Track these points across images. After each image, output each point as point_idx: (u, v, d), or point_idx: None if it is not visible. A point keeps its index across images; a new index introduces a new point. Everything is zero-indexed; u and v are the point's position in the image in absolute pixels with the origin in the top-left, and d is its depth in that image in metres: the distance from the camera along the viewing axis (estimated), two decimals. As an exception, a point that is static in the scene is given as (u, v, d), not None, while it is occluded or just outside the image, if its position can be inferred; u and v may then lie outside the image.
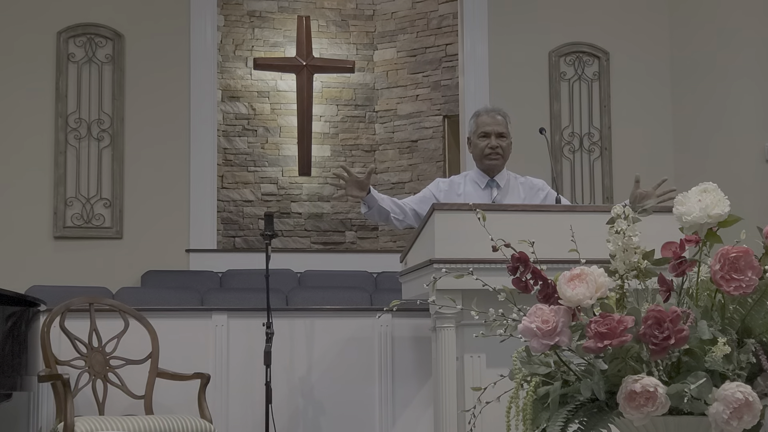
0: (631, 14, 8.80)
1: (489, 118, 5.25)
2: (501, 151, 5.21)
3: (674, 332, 2.31)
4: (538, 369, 2.53)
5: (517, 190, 5.23)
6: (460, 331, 4.42)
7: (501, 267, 2.78)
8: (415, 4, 10.26)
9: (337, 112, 10.39)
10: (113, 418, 4.86)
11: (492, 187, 5.22)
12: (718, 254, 2.42)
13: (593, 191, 8.63)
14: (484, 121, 5.24)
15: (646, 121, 8.71)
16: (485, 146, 5.20)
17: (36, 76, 8.12)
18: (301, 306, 6.68)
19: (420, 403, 5.54)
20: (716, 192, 2.52)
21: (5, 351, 4.77)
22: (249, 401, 5.52)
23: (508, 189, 5.23)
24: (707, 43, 8.50)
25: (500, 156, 5.21)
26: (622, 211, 2.58)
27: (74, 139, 8.12)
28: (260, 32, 10.32)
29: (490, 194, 5.19)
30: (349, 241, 10.28)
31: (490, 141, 5.19)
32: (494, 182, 5.22)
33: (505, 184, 5.23)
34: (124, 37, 8.29)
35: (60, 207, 8.04)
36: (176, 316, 5.64)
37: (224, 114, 10.03)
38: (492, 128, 5.20)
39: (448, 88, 9.97)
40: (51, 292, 6.22)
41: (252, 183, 10.16)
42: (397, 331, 5.65)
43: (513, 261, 2.59)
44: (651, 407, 2.31)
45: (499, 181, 5.23)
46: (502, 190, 5.21)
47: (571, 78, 8.74)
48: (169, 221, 8.23)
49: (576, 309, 2.50)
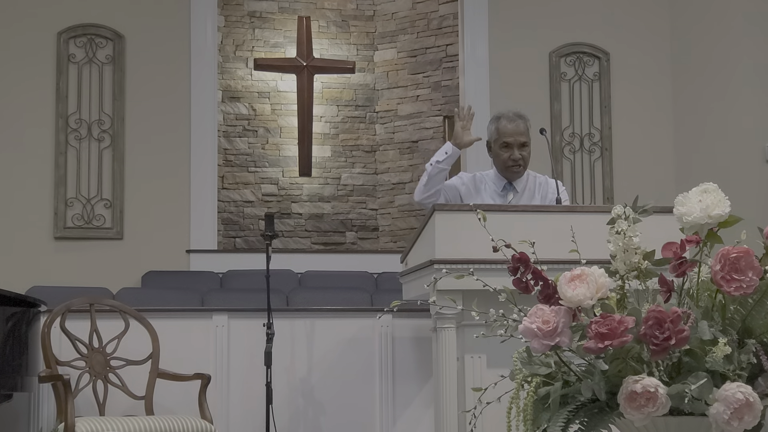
0: (632, 15, 8.80)
1: (511, 126, 5.07)
2: (523, 162, 5.08)
3: (675, 333, 2.31)
4: (538, 369, 2.53)
5: (533, 192, 5.14)
6: (461, 331, 4.42)
7: (502, 267, 2.78)
8: (415, 4, 10.25)
9: (337, 113, 10.38)
10: (114, 419, 4.86)
11: (509, 190, 5.13)
12: (719, 255, 2.42)
13: (594, 192, 8.63)
14: (505, 130, 5.07)
15: (647, 121, 8.71)
16: (507, 158, 5.06)
17: (36, 76, 8.12)
18: (302, 306, 6.68)
19: (420, 404, 5.54)
20: (717, 192, 2.52)
21: (6, 351, 4.77)
22: (249, 402, 5.52)
23: (524, 192, 5.13)
24: (708, 43, 8.50)
25: (522, 167, 5.09)
26: (622, 212, 2.58)
27: (75, 139, 8.12)
28: (261, 33, 10.31)
29: (506, 198, 5.10)
30: (349, 242, 10.27)
31: (513, 153, 5.04)
32: (512, 186, 5.13)
33: (522, 188, 5.13)
34: (125, 37, 8.29)
35: (60, 207, 8.04)
36: (177, 316, 5.64)
37: (225, 114, 10.02)
38: (514, 138, 5.05)
39: (449, 89, 9.97)
40: (51, 293, 6.22)
41: (252, 183, 10.15)
42: (398, 332, 5.65)
43: (513, 261, 2.59)
44: (652, 408, 2.31)
45: (517, 185, 5.13)
46: (519, 194, 5.12)
47: (571, 78, 8.74)
48: (169, 222, 8.23)
49: (577, 309, 2.50)
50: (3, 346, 4.75)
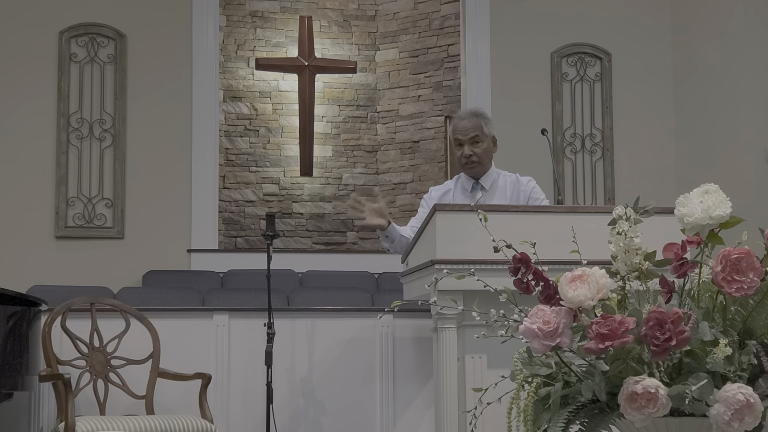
0: (633, 15, 8.80)
1: (461, 123, 5.09)
2: (476, 158, 5.06)
3: (675, 333, 2.30)
4: (539, 370, 2.53)
5: (504, 189, 5.13)
6: (462, 331, 4.42)
7: (502, 268, 2.78)
8: (417, 4, 10.25)
9: (338, 113, 10.38)
10: (114, 418, 4.85)
11: (477, 189, 5.13)
12: (720, 255, 2.41)
13: (595, 192, 8.62)
14: (456, 128, 5.10)
15: (648, 122, 8.71)
16: (460, 155, 5.08)
17: (38, 75, 8.13)
18: (303, 306, 6.68)
19: (421, 404, 5.54)
20: (718, 193, 2.52)
21: (6, 351, 4.77)
22: (250, 401, 5.51)
23: (495, 190, 5.12)
24: (709, 43, 8.50)
25: (476, 162, 5.07)
26: (623, 212, 2.58)
27: (76, 139, 8.13)
28: (262, 32, 10.31)
29: (475, 197, 5.10)
30: (350, 242, 10.27)
31: (464, 149, 5.06)
32: (479, 185, 5.13)
33: (491, 186, 5.13)
34: (126, 37, 8.29)
35: (62, 207, 8.04)
36: (177, 316, 5.64)
37: (226, 114, 10.02)
38: (464, 135, 5.06)
39: (450, 89, 9.96)
40: (52, 292, 6.22)
41: (253, 183, 10.15)
42: (399, 332, 5.64)
43: (514, 262, 2.59)
44: (652, 408, 2.30)
45: (484, 183, 5.12)
46: (488, 192, 5.11)
47: (573, 79, 8.74)
48: (170, 221, 8.24)
49: (577, 310, 2.49)
50: (4, 345, 4.75)
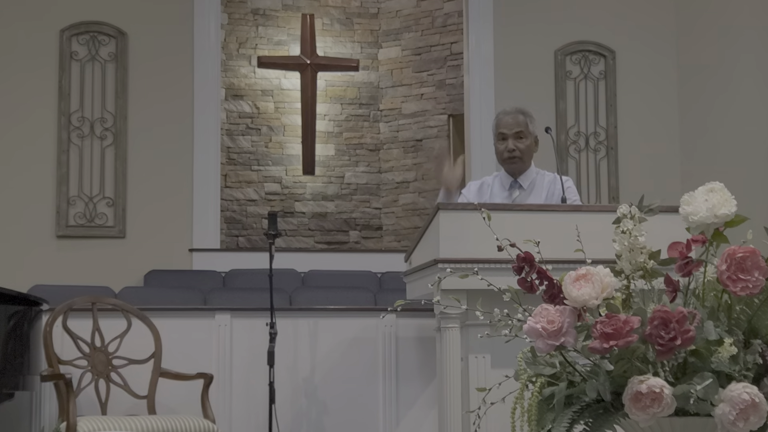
0: (638, 13, 8.78)
1: (507, 118, 5.12)
2: (519, 153, 5.07)
3: (680, 333, 2.29)
4: (543, 369, 2.52)
5: (541, 189, 5.13)
6: (465, 331, 4.41)
7: (506, 267, 2.76)
8: (419, 2, 10.24)
9: (341, 111, 10.37)
10: (116, 418, 4.85)
11: (515, 187, 5.12)
12: (725, 254, 2.40)
13: (599, 191, 8.61)
14: (501, 122, 5.12)
15: (653, 120, 8.69)
16: (503, 149, 5.08)
17: (39, 74, 8.12)
18: (305, 306, 6.67)
19: (424, 404, 5.53)
20: (723, 192, 2.51)
21: (8, 350, 4.76)
22: (252, 401, 5.51)
23: (532, 189, 5.11)
24: (714, 42, 8.48)
25: (518, 158, 5.08)
26: (628, 211, 2.56)
27: (77, 137, 8.12)
28: (264, 30, 10.30)
29: (512, 195, 5.09)
30: (353, 241, 10.26)
31: (508, 144, 5.07)
32: (517, 183, 5.12)
33: (529, 185, 5.12)
34: (128, 35, 8.28)
35: (63, 206, 8.03)
36: (179, 315, 5.63)
37: (228, 112, 10.02)
38: (509, 130, 5.08)
39: (453, 87, 9.96)
40: (53, 292, 6.21)
41: (255, 182, 10.15)
42: (402, 332, 5.64)
43: (518, 261, 2.58)
44: (657, 408, 2.30)
45: (522, 182, 5.11)
46: (525, 191, 5.10)
47: (577, 77, 8.72)
48: (172, 220, 8.22)
49: (582, 309, 2.48)
50: (5, 344, 4.75)
